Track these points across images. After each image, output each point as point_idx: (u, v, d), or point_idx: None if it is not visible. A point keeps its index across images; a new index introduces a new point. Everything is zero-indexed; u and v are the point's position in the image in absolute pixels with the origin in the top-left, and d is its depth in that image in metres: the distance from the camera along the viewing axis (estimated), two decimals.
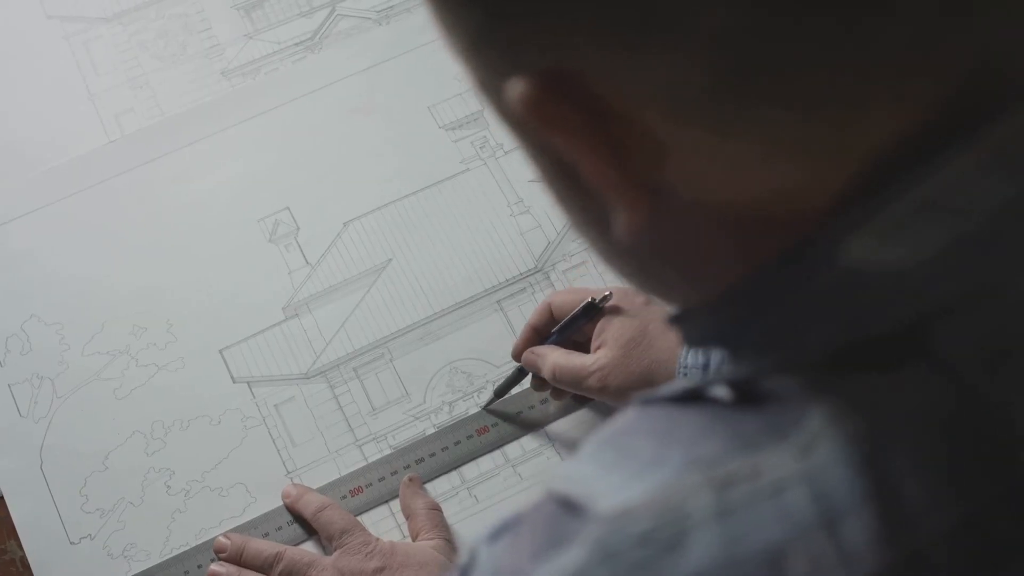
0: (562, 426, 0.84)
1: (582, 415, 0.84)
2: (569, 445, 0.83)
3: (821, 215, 0.32)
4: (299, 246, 0.90)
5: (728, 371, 0.36)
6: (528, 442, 0.84)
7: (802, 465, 0.31)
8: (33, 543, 0.80)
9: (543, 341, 0.81)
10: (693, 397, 0.36)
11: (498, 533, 0.39)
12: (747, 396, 0.34)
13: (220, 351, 0.86)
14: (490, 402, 0.84)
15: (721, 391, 0.35)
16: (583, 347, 0.81)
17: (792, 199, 0.32)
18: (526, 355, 0.81)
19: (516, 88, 0.32)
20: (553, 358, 0.79)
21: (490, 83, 0.35)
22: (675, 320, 0.40)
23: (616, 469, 0.35)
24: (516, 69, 0.32)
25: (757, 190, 0.32)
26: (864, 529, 0.30)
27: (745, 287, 0.35)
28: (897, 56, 0.29)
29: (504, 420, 0.84)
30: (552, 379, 0.79)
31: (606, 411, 0.83)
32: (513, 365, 0.83)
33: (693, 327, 0.39)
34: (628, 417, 0.37)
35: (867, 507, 0.30)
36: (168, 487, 0.81)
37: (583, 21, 0.30)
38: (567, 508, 0.35)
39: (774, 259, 0.33)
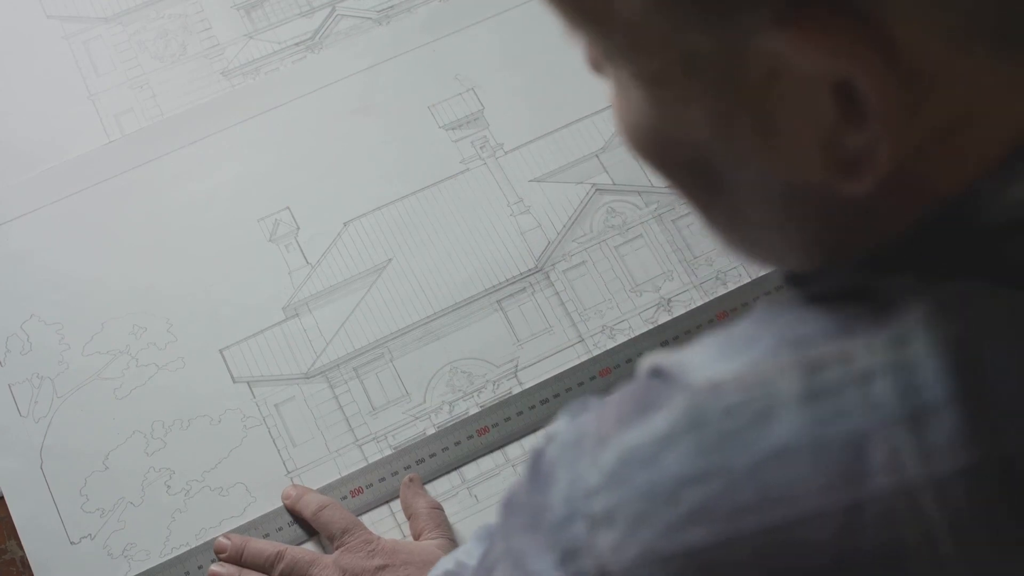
0: (562, 426, 0.84)
1: None
2: None
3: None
4: (299, 246, 0.90)
5: (844, 277, 0.36)
6: (528, 442, 0.84)
7: (894, 356, 0.31)
8: (33, 543, 0.79)
9: None
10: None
11: (579, 410, 0.39)
12: (855, 292, 0.34)
13: (220, 351, 0.86)
14: None
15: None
16: None
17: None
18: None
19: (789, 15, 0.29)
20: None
21: (720, 37, 0.32)
22: (798, 279, 0.38)
23: (713, 347, 0.35)
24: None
25: (996, 129, 0.32)
26: (949, 428, 0.30)
27: (903, 242, 0.34)
28: None
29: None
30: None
31: None
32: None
33: (831, 280, 0.37)
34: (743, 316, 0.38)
35: (955, 406, 0.30)
36: (168, 487, 0.81)
37: None
38: (657, 375, 0.36)
39: (932, 215, 0.33)
